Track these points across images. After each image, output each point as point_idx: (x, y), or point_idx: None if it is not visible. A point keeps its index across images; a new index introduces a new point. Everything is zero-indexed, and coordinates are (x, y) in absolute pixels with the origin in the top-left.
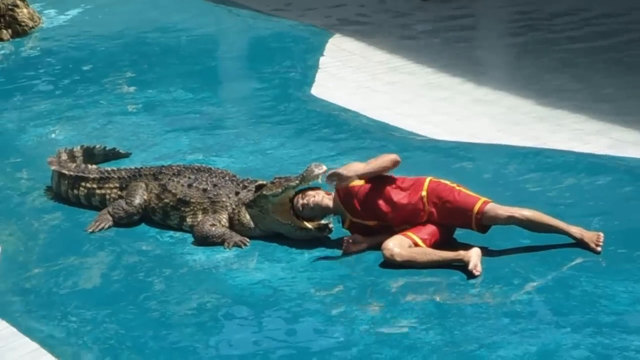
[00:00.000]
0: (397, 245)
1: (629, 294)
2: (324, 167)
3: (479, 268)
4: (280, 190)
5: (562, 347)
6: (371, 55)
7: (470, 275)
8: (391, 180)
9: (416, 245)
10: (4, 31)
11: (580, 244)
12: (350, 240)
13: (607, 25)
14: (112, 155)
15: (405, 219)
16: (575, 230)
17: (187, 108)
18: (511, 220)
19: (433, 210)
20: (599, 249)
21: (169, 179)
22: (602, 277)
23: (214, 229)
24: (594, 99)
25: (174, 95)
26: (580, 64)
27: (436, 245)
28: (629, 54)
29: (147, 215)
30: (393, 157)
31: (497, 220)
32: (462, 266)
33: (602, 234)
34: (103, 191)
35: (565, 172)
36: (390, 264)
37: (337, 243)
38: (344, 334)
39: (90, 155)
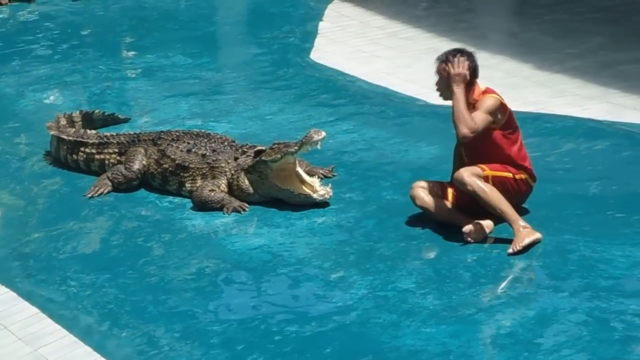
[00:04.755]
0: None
1: (627, 258)
2: (323, 133)
3: (516, 249)
4: (279, 156)
5: (559, 311)
6: (370, 21)
7: (465, 239)
8: None
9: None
10: None
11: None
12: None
13: None
14: (111, 120)
15: None
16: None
17: (186, 73)
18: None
19: None
20: (510, 250)
21: (168, 145)
22: (600, 242)
23: (212, 194)
24: (594, 64)
25: (173, 60)
26: (581, 29)
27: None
28: (630, 19)
29: (146, 181)
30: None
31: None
32: (460, 231)
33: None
34: (102, 156)
35: (564, 137)
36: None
37: (336, 209)
38: (342, 298)
39: (89, 120)
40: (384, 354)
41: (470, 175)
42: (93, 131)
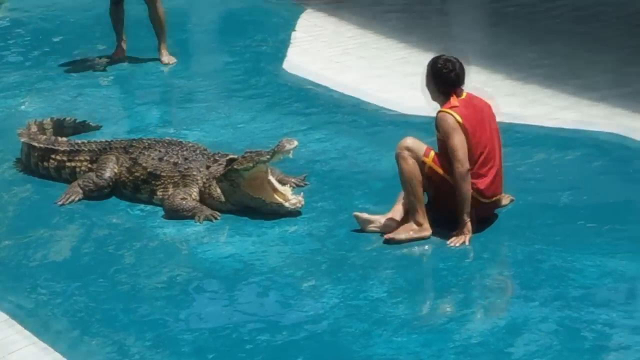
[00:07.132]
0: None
1: (597, 268)
2: (296, 142)
3: (390, 238)
4: (251, 164)
5: (530, 321)
6: (343, 31)
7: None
8: None
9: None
10: None
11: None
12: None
13: (578, 1)
14: (83, 127)
15: None
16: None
17: (158, 81)
18: None
19: None
20: (385, 236)
21: (140, 153)
22: (570, 252)
23: (184, 202)
24: (564, 74)
25: (145, 68)
26: (551, 39)
27: None
28: (598, 29)
29: (117, 189)
30: None
31: None
32: (434, 240)
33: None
34: (73, 164)
35: (535, 147)
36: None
37: (308, 218)
38: (314, 307)
39: (60, 128)
40: None
41: (407, 149)
42: (64, 138)
